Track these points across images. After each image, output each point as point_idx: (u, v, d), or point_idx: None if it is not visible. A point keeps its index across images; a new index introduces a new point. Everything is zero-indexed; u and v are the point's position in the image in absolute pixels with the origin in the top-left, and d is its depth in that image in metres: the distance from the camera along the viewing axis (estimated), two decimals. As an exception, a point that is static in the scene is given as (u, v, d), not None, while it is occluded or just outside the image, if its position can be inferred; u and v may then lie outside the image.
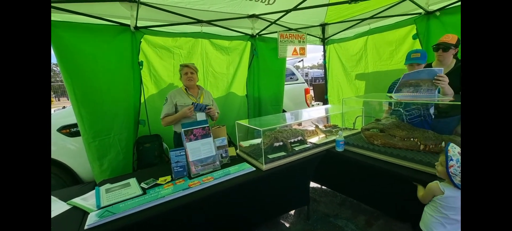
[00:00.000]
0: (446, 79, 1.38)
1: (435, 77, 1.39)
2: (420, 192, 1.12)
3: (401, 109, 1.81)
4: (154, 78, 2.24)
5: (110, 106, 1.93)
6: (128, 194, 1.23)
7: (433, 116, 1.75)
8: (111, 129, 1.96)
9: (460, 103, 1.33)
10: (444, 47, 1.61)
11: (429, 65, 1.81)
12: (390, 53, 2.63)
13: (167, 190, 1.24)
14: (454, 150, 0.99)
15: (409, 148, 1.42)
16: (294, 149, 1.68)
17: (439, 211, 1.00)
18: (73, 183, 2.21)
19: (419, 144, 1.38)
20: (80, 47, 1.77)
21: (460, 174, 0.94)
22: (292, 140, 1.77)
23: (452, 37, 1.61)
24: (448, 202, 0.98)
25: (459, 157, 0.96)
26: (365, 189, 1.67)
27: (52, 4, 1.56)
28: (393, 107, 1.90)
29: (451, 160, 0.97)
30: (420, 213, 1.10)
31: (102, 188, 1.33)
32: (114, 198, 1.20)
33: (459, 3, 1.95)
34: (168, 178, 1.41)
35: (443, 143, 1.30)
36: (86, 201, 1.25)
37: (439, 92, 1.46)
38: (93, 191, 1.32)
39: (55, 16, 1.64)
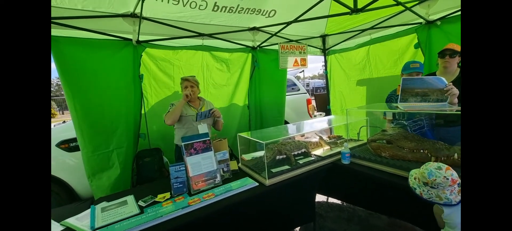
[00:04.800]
0: (456, 89, 1.35)
1: (446, 86, 1.36)
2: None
3: (404, 122, 1.77)
4: (154, 90, 2.23)
5: (110, 120, 1.91)
6: (124, 213, 1.17)
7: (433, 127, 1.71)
8: (110, 143, 1.93)
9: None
10: (451, 53, 1.62)
11: (433, 75, 1.78)
12: (394, 62, 2.61)
13: (166, 208, 1.18)
14: (413, 181, 1.04)
15: (419, 160, 1.35)
16: (298, 162, 1.61)
17: (452, 229, 0.95)
18: (70, 200, 2.14)
19: (430, 156, 1.31)
20: (82, 62, 1.78)
21: (436, 193, 0.95)
22: (296, 153, 1.72)
23: (457, 46, 1.63)
24: (453, 219, 0.93)
25: (419, 182, 1.01)
26: (377, 200, 1.59)
27: (55, 20, 1.57)
28: (395, 118, 1.86)
29: (415, 189, 1.01)
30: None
31: (98, 207, 1.27)
32: (109, 218, 1.13)
33: (460, 13, 1.95)
34: (167, 195, 1.34)
35: (456, 155, 1.24)
36: (80, 221, 1.19)
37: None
38: (89, 210, 1.26)
39: (58, 31, 1.66)
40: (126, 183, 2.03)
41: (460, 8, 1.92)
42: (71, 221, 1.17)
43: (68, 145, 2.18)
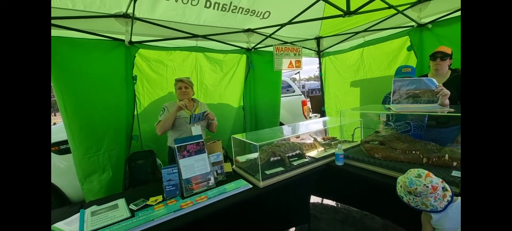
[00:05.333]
0: (447, 90, 1.37)
1: (437, 87, 1.38)
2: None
3: (391, 123, 1.80)
4: (147, 91, 2.20)
5: (101, 121, 1.88)
6: (115, 217, 1.15)
7: (424, 129, 1.74)
8: (101, 145, 1.89)
9: (460, 114, 1.32)
10: (442, 55, 1.65)
11: (425, 77, 1.81)
12: (387, 64, 2.65)
13: (158, 212, 1.16)
14: (400, 190, 1.01)
15: (412, 161, 1.36)
16: (292, 163, 1.61)
17: None
18: (60, 204, 2.09)
19: (421, 157, 1.33)
20: (72, 62, 1.74)
21: (421, 201, 0.93)
22: (290, 154, 1.71)
23: (448, 49, 1.67)
24: (442, 224, 0.91)
25: (404, 191, 0.98)
26: (370, 201, 1.60)
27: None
28: (388, 120, 1.89)
29: (402, 198, 0.99)
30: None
31: (88, 211, 1.24)
32: (99, 222, 1.11)
33: (450, 16, 2.00)
34: (159, 198, 1.32)
35: (446, 156, 1.26)
36: (69, 225, 1.15)
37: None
38: (78, 214, 1.22)
39: (48, 31, 1.62)
40: (118, 186, 1.99)
41: (450, 12, 1.96)
42: (59, 225, 1.14)
43: (58, 147, 2.13)
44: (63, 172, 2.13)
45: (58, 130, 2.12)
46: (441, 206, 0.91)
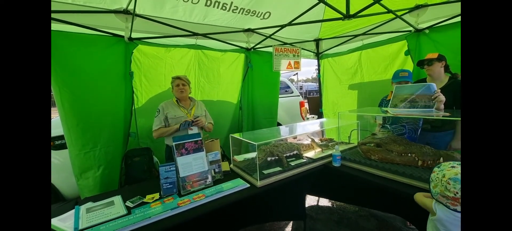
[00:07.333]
0: (443, 96, 1.40)
1: (434, 92, 1.41)
2: (419, 196, 1.03)
3: (388, 126, 1.84)
4: (145, 88, 2.18)
5: (98, 118, 1.86)
6: (111, 214, 1.14)
7: (418, 131, 1.78)
8: (97, 142, 1.87)
9: (457, 119, 1.35)
10: (427, 61, 1.72)
11: (423, 81, 1.85)
12: (384, 67, 2.68)
13: (155, 209, 1.15)
14: (438, 173, 0.94)
15: (407, 163, 1.39)
16: (289, 164, 1.62)
17: None
18: (54, 200, 2.06)
19: (417, 159, 1.35)
20: (70, 57, 1.72)
21: (450, 196, 0.87)
22: (288, 154, 1.72)
23: (433, 54, 1.73)
24: (440, 224, 0.91)
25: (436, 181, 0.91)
26: (366, 199, 1.62)
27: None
28: (385, 122, 1.92)
29: (431, 181, 0.95)
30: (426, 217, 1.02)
31: (83, 207, 1.22)
32: (95, 219, 1.10)
33: (447, 22, 2.03)
34: (156, 195, 1.32)
35: (441, 159, 1.28)
36: (64, 222, 1.14)
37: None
38: (73, 211, 1.21)
39: (46, 25, 1.60)
40: (113, 183, 1.97)
41: (447, 18, 2.00)
42: (54, 222, 1.12)
43: (53, 143, 2.09)
44: (58, 168, 2.09)
45: (54, 125, 2.09)
46: (435, 197, 0.92)
